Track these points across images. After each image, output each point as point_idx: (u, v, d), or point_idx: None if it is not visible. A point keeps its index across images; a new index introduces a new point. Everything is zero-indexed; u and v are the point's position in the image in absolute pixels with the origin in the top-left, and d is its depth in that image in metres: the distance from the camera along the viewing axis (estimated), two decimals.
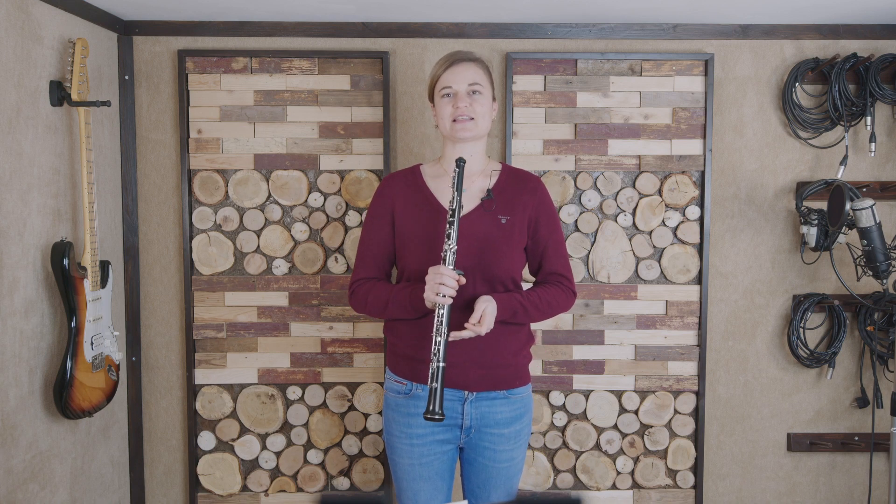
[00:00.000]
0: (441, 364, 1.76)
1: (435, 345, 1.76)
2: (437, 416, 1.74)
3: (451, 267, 1.79)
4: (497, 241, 1.90)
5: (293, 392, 2.71)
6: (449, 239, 1.80)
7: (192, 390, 2.69)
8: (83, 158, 2.17)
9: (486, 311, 1.81)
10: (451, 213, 1.81)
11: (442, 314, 1.77)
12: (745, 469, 2.79)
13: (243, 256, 2.69)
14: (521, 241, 1.95)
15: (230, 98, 2.64)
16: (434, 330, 1.78)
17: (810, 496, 2.81)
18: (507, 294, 1.90)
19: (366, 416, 2.73)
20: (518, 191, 1.96)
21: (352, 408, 2.73)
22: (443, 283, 1.77)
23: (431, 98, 1.98)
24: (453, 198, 1.82)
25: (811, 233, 2.59)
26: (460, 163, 1.84)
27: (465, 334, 1.82)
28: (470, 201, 1.95)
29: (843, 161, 2.61)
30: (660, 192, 2.69)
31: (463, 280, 1.82)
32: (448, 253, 1.79)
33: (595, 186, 2.69)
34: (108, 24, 2.51)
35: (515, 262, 1.94)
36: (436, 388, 1.74)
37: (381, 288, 1.94)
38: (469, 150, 1.96)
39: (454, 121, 1.90)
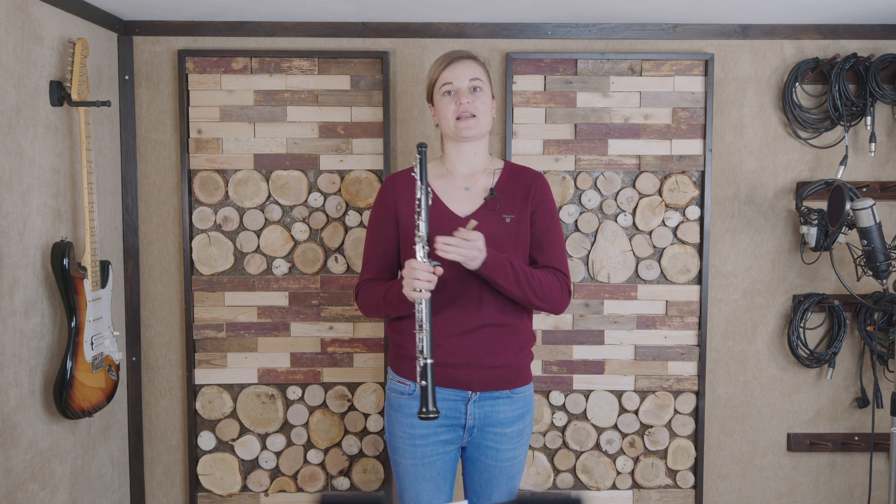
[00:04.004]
0: (428, 361, 1.72)
1: (419, 342, 1.74)
2: (431, 416, 1.71)
3: (426, 260, 1.75)
4: (503, 241, 1.89)
5: (293, 392, 2.71)
6: (419, 230, 1.75)
7: (192, 390, 2.69)
8: (83, 158, 2.17)
9: (477, 242, 1.73)
10: (417, 202, 1.76)
11: (422, 309, 1.74)
12: (745, 469, 2.79)
13: (243, 256, 2.69)
14: (527, 239, 1.94)
15: (230, 98, 2.64)
16: (416, 327, 1.75)
17: (810, 496, 2.81)
18: (500, 254, 1.82)
19: (366, 416, 2.73)
20: (520, 187, 1.96)
21: (352, 408, 2.73)
22: (417, 279, 1.74)
23: (430, 99, 1.98)
24: (417, 187, 1.76)
25: (811, 233, 2.59)
26: (421, 148, 1.77)
27: (448, 245, 1.72)
28: (473, 201, 1.94)
29: (843, 161, 2.61)
30: (660, 192, 2.69)
31: (440, 271, 1.77)
32: (419, 245, 1.75)
33: (595, 186, 2.69)
34: (108, 24, 2.51)
35: (523, 262, 1.93)
36: (426, 386, 1.71)
37: (377, 287, 1.94)
38: (472, 149, 1.96)
39: (457, 119, 1.89)
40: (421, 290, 1.73)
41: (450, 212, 1.93)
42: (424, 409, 1.70)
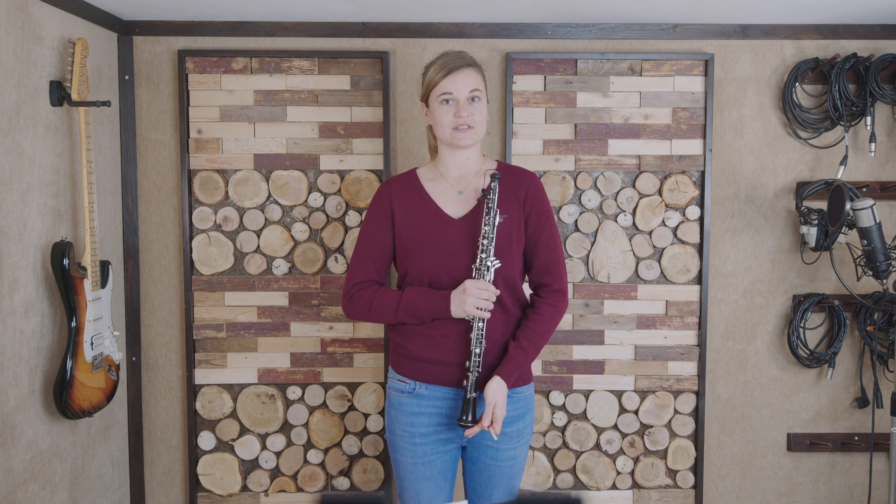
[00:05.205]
0: (478, 373, 1.86)
1: (475, 356, 1.85)
2: (469, 425, 1.85)
3: (490, 280, 1.87)
4: (498, 241, 1.90)
5: (293, 392, 2.71)
6: (488, 254, 1.85)
7: (192, 390, 2.69)
8: (83, 158, 2.17)
9: (496, 411, 1.85)
10: (486, 230, 1.86)
11: (481, 327, 1.86)
12: (745, 469, 2.79)
13: (243, 256, 2.69)
14: (520, 240, 1.94)
15: (230, 98, 2.64)
16: (474, 342, 1.86)
17: (810, 496, 2.81)
18: (506, 359, 1.90)
19: (366, 416, 2.73)
20: (512, 188, 1.96)
21: (352, 408, 2.73)
22: (488, 299, 1.85)
23: (424, 99, 1.98)
24: (488, 212, 1.86)
25: (811, 233, 2.59)
26: (496, 176, 1.88)
27: (475, 431, 1.88)
28: (466, 203, 1.95)
29: (843, 161, 2.61)
30: (660, 192, 2.69)
31: (498, 292, 1.88)
32: (492, 268, 1.86)
33: (595, 186, 2.69)
34: (108, 24, 2.51)
35: (515, 262, 1.94)
36: (473, 398, 1.85)
37: (386, 294, 1.94)
38: (465, 154, 1.97)
39: (454, 129, 1.90)
40: (484, 309, 1.85)
41: (443, 213, 1.94)
42: (465, 418, 1.85)
